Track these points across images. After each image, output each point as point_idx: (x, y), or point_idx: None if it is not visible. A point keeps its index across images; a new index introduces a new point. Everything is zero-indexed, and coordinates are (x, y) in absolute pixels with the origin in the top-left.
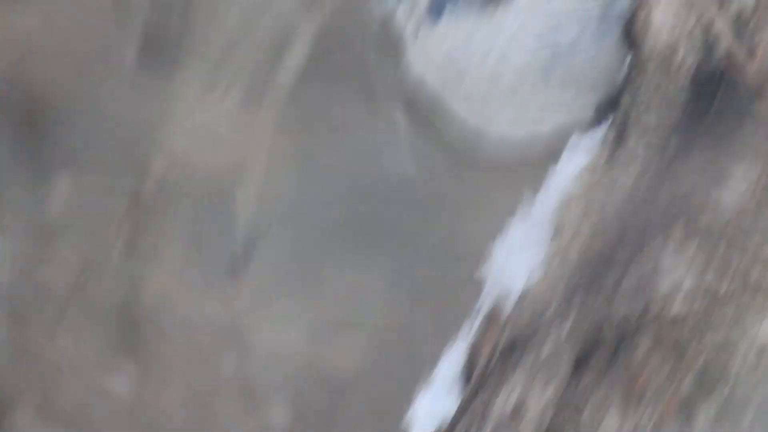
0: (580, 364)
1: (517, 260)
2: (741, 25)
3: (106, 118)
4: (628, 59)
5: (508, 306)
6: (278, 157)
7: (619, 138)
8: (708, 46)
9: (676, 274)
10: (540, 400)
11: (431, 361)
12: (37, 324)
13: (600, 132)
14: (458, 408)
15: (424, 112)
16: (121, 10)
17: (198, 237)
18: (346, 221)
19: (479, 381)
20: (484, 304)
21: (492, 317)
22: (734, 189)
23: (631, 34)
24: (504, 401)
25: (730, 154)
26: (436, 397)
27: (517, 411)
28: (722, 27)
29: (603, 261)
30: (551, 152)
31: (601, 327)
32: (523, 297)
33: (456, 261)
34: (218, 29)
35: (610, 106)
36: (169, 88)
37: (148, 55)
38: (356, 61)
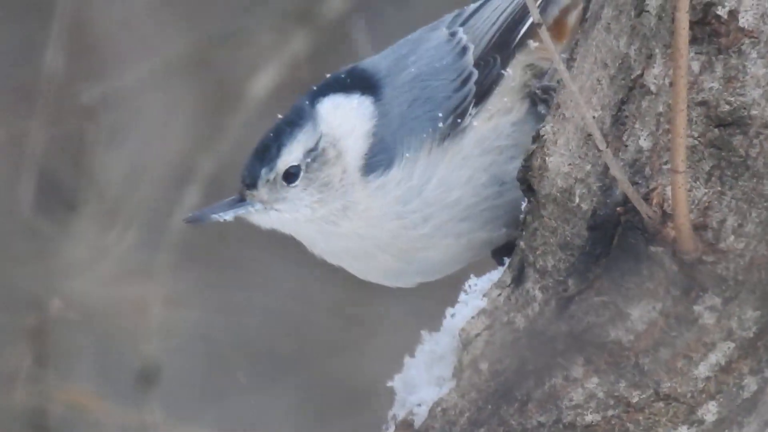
0: None
1: (428, 371)
2: (637, 170)
3: (2, 260)
4: (524, 205)
5: (421, 415)
6: (177, 292)
7: (516, 281)
8: (604, 191)
9: (588, 384)
10: None
11: None
12: None
13: (496, 275)
14: None
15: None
16: (15, 153)
17: (103, 358)
18: (249, 347)
19: None
20: (396, 413)
21: (404, 426)
22: (632, 330)
23: (525, 180)
24: None
25: (627, 296)
26: None
27: None
28: (617, 173)
29: (514, 373)
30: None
31: None
32: (435, 405)
33: (366, 374)
34: (114, 170)
35: (507, 250)
36: (65, 230)
37: (44, 197)
38: None
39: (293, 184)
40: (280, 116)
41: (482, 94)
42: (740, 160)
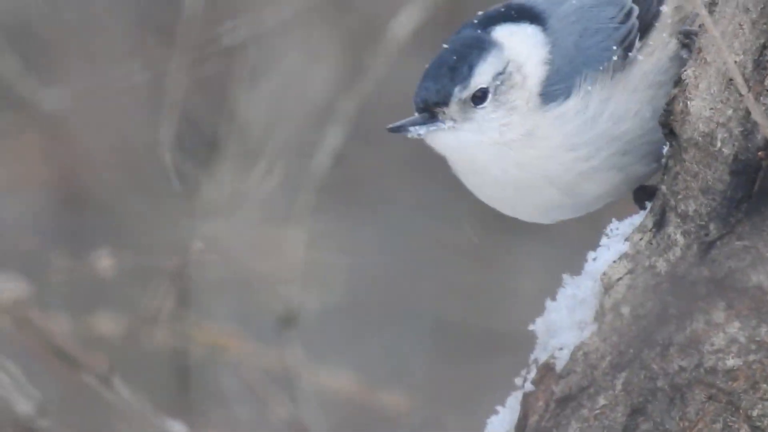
0: (635, 415)
1: (569, 315)
2: None
3: (145, 203)
4: (666, 149)
5: (562, 358)
6: (317, 234)
7: (658, 225)
8: (745, 135)
9: (729, 329)
10: None
11: (482, 414)
12: (93, 371)
13: (638, 219)
14: None
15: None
16: (157, 95)
17: (244, 300)
18: (387, 288)
19: None
20: (538, 356)
21: (546, 369)
22: None
23: (668, 124)
24: None
25: None
26: None
27: None
28: (759, 117)
29: (655, 317)
30: (588, 238)
31: (656, 379)
32: (577, 349)
33: (505, 318)
34: (255, 111)
35: (649, 194)
36: (206, 172)
37: (185, 138)
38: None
39: (481, 106)
40: (444, 45)
41: (644, 28)
42: None
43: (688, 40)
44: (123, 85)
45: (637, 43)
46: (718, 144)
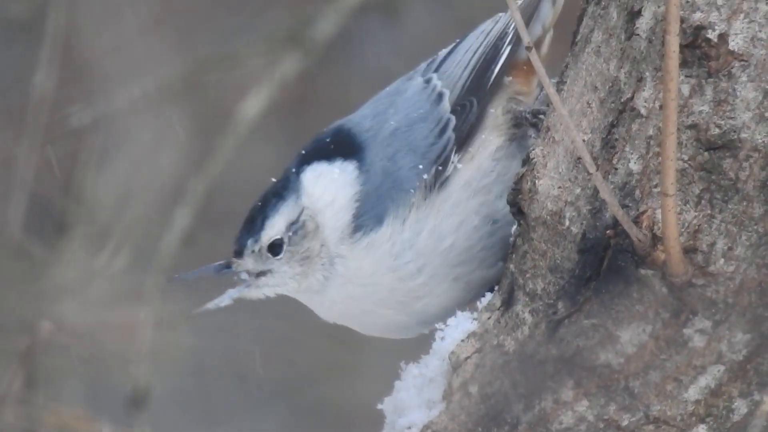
0: None
1: (418, 394)
2: (627, 193)
3: None
4: (514, 227)
5: None
6: (167, 315)
7: (506, 304)
8: (594, 213)
9: (577, 407)
10: None
11: None
12: None
13: (486, 298)
14: None
15: None
16: (5, 175)
17: (93, 381)
18: (238, 369)
19: None
20: None
21: None
22: (622, 353)
23: (516, 203)
24: None
25: (617, 319)
26: None
27: None
28: (607, 196)
29: (504, 396)
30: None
31: None
32: (425, 428)
33: (356, 396)
34: (104, 192)
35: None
36: (55, 253)
37: (34, 219)
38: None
39: (278, 257)
40: (273, 179)
41: (462, 139)
42: (730, 183)
43: (536, 119)
44: None
45: (454, 157)
46: (567, 222)
